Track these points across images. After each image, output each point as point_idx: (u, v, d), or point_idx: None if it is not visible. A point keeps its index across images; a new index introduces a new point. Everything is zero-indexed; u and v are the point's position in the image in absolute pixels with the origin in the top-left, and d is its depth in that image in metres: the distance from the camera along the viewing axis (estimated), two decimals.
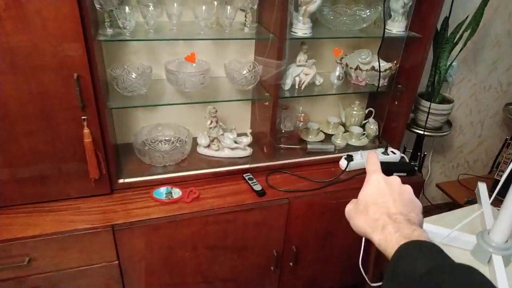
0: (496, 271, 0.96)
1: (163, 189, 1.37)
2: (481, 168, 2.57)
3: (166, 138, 1.57)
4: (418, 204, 0.56)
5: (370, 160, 0.62)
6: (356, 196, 0.59)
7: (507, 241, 1.01)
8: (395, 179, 0.58)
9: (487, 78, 2.15)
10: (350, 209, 0.58)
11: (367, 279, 1.22)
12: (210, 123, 1.52)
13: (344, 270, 1.71)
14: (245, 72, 1.44)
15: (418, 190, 1.66)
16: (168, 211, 1.29)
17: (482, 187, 1.25)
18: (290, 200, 1.40)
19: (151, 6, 1.20)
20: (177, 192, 1.36)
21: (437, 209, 2.46)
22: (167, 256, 1.33)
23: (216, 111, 1.51)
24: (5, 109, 1.09)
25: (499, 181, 0.99)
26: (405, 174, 1.60)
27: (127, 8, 1.16)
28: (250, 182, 1.45)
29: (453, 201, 2.09)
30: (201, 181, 1.45)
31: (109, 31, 1.21)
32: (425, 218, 0.65)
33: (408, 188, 0.57)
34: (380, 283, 1.18)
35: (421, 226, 0.53)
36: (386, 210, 0.53)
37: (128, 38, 1.18)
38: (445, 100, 1.86)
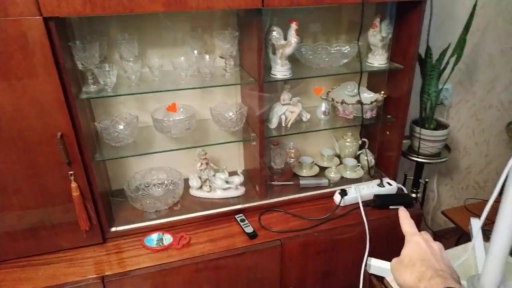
0: None
1: (154, 236, 1.38)
2: (492, 189, 2.48)
3: (160, 182, 1.59)
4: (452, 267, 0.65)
5: (406, 221, 0.71)
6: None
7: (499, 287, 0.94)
8: (437, 243, 0.67)
9: (486, 97, 2.11)
10: (395, 263, 0.67)
11: None
12: (201, 165, 1.54)
13: None
14: (231, 114, 1.47)
15: (418, 221, 1.61)
16: (158, 259, 1.29)
17: (475, 224, 1.17)
18: (282, 241, 1.38)
19: (131, 62, 1.26)
20: (168, 239, 1.37)
21: (447, 234, 2.38)
22: None
23: (206, 153, 1.53)
24: None
25: None
26: (402, 206, 1.55)
27: (107, 66, 1.21)
28: (241, 223, 1.45)
29: (460, 228, 2.02)
30: (193, 225, 1.45)
31: (93, 87, 1.26)
32: None
33: (445, 255, 0.66)
34: None
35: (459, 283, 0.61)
36: (432, 265, 0.62)
37: (109, 94, 1.23)
38: (440, 125, 1.83)
